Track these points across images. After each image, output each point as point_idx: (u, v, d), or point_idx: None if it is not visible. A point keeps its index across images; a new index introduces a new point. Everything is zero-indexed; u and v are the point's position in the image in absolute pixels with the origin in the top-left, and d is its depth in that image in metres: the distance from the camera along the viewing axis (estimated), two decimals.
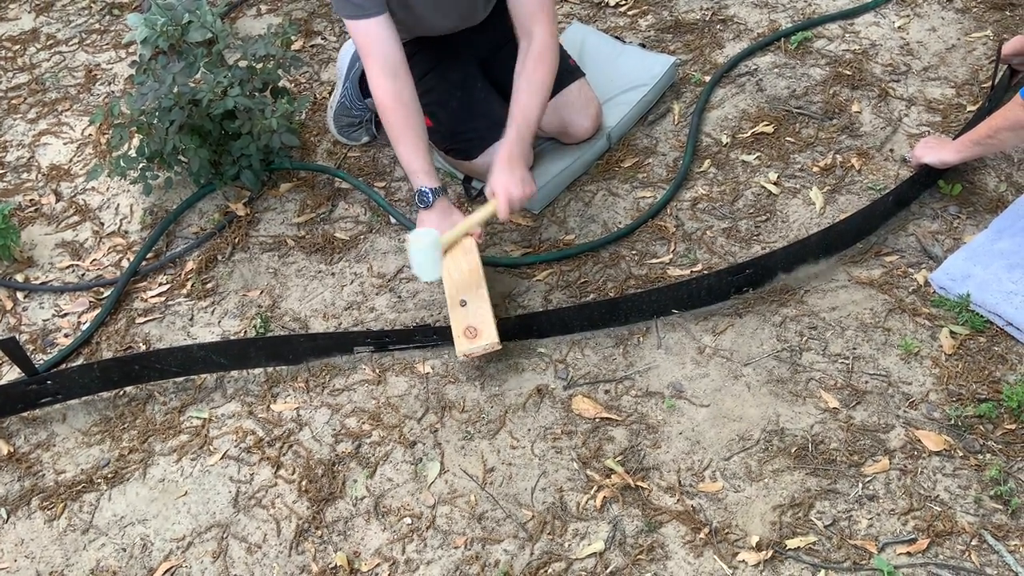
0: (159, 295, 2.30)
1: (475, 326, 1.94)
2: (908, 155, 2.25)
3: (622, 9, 2.87)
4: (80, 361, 2.17)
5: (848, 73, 2.50)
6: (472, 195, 2.37)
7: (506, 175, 1.97)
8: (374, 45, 2.01)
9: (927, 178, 2.15)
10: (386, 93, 2.02)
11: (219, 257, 2.36)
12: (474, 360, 2.01)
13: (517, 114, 2.03)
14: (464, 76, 2.27)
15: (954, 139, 2.13)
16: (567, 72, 2.34)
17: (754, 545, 1.65)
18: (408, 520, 1.79)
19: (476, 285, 2.00)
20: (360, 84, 2.49)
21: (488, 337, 1.92)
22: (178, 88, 2.30)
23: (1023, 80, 2.32)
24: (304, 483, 1.87)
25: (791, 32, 2.64)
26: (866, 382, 1.86)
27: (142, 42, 2.62)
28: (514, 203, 1.97)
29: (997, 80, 2.33)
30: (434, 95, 2.25)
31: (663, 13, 2.83)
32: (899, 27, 2.62)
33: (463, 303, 1.98)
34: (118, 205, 2.56)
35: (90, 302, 2.32)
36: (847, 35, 2.63)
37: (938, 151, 2.11)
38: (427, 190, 2.04)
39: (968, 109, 2.35)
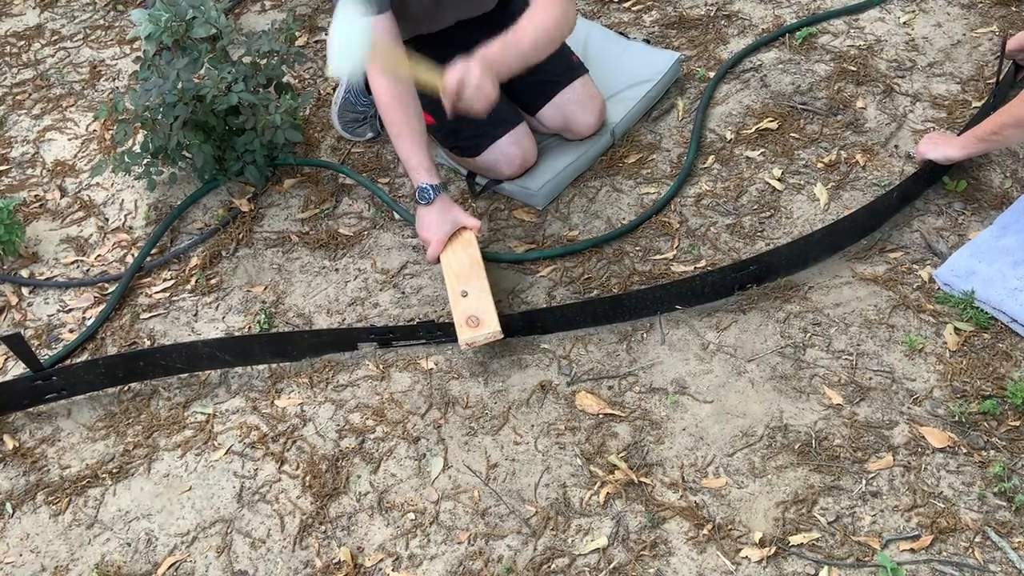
0: (163, 291, 2.31)
1: (477, 316, 1.95)
2: (913, 151, 2.25)
3: (626, 5, 2.86)
4: (85, 357, 2.17)
5: (853, 69, 2.50)
6: (476, 191, 2.37)
7: (472, 63, 1.88)
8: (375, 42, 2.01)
9: (932, 174, 2.15)
10: (386, 91, 2.03)
11: (223, 253, 2.36)
12: (477, 356, 2.02)
13: (509, 32, 1.96)
14: None
15: (958, 135, 2.13)
16: (569, 69, 2.34)
17: (757, 541, 1.65)
18: (411, 515, 1.79)
19: (477, 276, 2.01)
20: (364, 80, 2.49)
21: (490, 326, 1.93)
22: (182, 84, 2.30)
23: None
24: (308, 478, 1.87)
25: (796, 28, 2.64)
26: (870, 378, 1.86)
27: (146, 38, 2.62)
28: (464, 86, 1.87)
29: (1002, 76, 2.32)
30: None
31: (667, 9, 2.82)
32: (904, 23, 2.61)
33: (464, 294, 1.99)
34: (122, 201, 2.57)
35: (95, 298, 2.32)
36: (852, 31, 2.62)
37: (943, 147, 2.11)
38: (427, 187, 2.04)
39: (973, 105, 2.34)
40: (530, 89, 2.32)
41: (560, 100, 2.30)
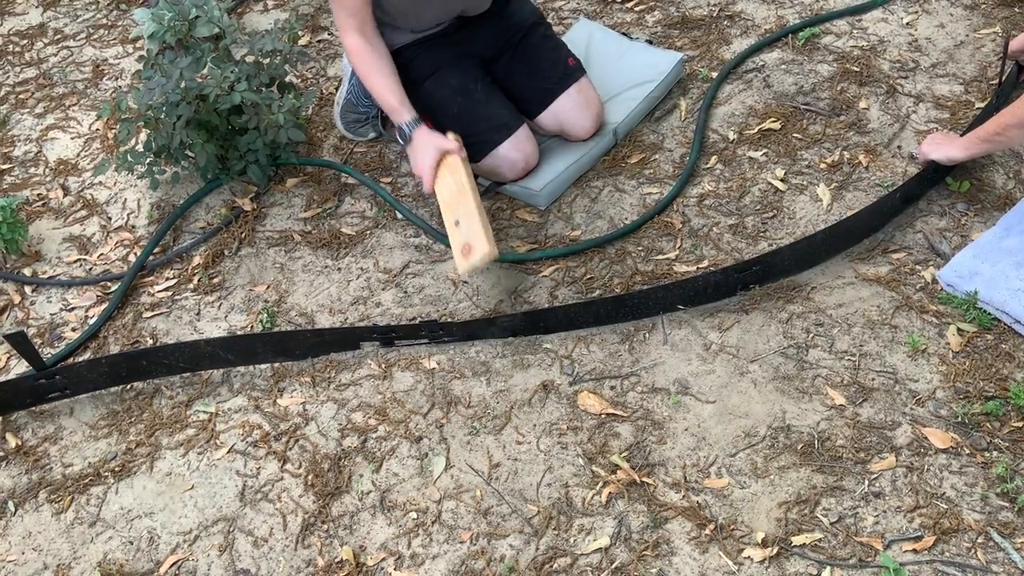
0: (166, 290, 2.31)
1: (469, 243, 1.95)
2: (916, 151, 2.25)
3: (629, 5, 2.86)
4: (87, 355, 2.18)
5: (856, 69, 2.50)
6: (480, 191, 2.36)
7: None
8: (352, 4, 2.10)
9: (935, 175, 2.15)
10: (355, 43, 2.14)
11: (226, 252, 2.37)
12: (479, 355, 2.02)
13: None
14: (464, 80, 2.27)
15: (961, 136, 2.13)
16: (565, 75, 2.33)
17: (760, 542, 1.65)
18: (414, 515, 1.79)
19: (464, 202, 2.02)
20: None
21: (480, 249, 1.94)
22: (185, 83, 2.30)
23: None
24: (310, 477, 1.88)
25: (799, 28, 2.64)
26: (873, 379, 1.86)
27: (149, 37, 2.62)
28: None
29: (1005, 77, 2.32)
30: (434, 100, 2.26)
31: (670, 9, 2.82)
32: (907, 23, 2.61)
33: (456, 223, 2.01)
34: (125, 200, 2.57)
35: (97, 296, 2.32)
36: (855, 31, 2.62)
37: (946, 148, 2.11)
38: (403, 125, 2.14)
39: (976, 106, 2.34)
40: (528, 95, 2.33)
41: (556, 107, 2.31)
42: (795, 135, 2.37)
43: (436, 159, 2.11)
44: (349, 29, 2.15)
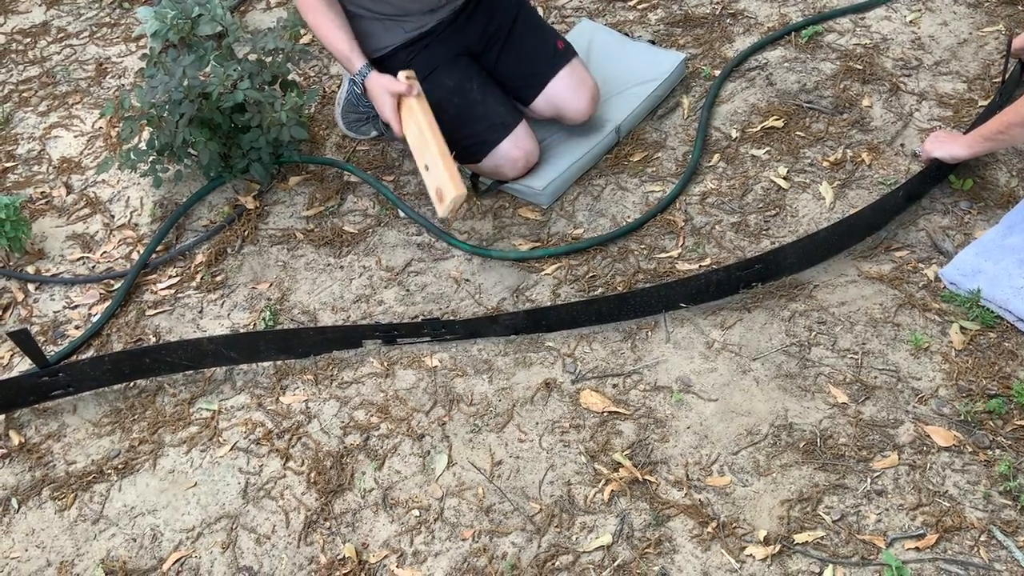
0: (169, 287, 2.31)
1: (439, 187, 1.96)
2: (919, 149, 2.24)
3: (632, 3, 2.86)
4: (90, 353, 2.18)
5: (859, 67, 2.49)
6: (480, 189, 2.37)
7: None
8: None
9: (938, 173, 2.14)
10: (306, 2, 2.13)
11: (228, 250, 2.37)
12: (482, 354, 2.02)
13: None
14: (459, 80, 2.26)
15: (964, 133, 2.12)
16: (555, 56, 2.32)
17: (762, 539, 1.65)
18: (416, 512, 1.79)
19: (427, 144, 2.03)
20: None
21: (449, 194, 1.95)
22: (188, 81, 2.31)
23: None
24: (313, 475, 1.88)
25: (801, 26, 2.63)
26: (875, 377, 1.86)
27: (152, 35, 2.62)
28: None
29: (1008, 75, 2.31)
30: (431, 102, 2.25)
31: (673, 7, 2.82)
32: (910, 21, 2.61)
33: (426, 168, 2.02)
34: (128, 198, 2.58)
35: (100, 294, 2.33)
36: (858, 29, 2.62)
37: (948, 146, 2.10)
38: (355, 77, 2.14)
39: (979, 104, 2.34)
40: (520, 83, 2.33)
41: (549, 91, 2.30)
42: (798, 133, 2.37)
43: (394, 104, 2.11)
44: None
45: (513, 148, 2.24)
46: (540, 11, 2.86)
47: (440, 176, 1.97)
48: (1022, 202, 2.07)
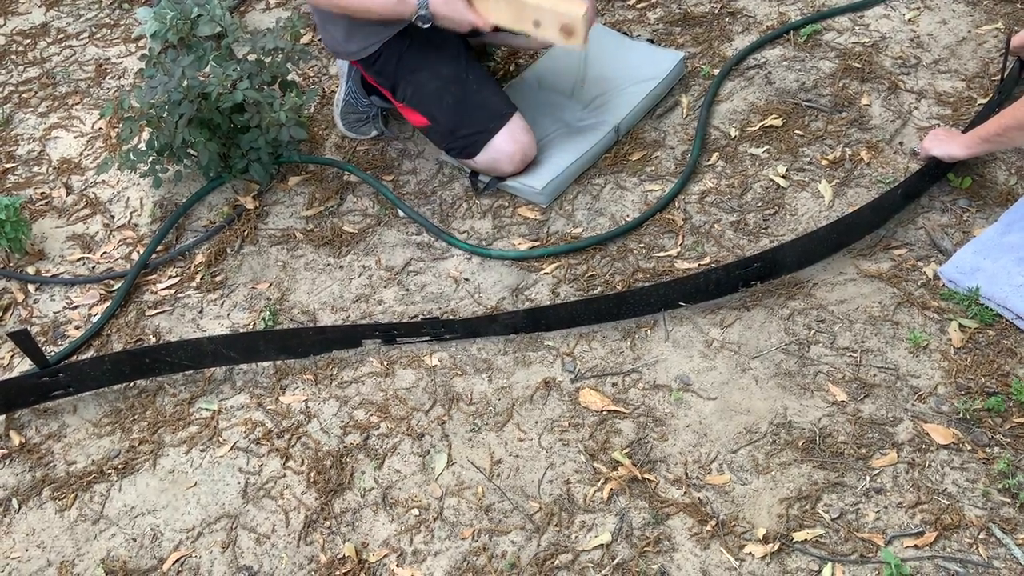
0: (169, 288, 2.31)
1: (563, 22, 2.00)
2: (917, 147, 2.24)
3: (631, 2, 2.86)
4: (91, 353, 2.18)
5: (858, 66, 2.49)
6: (479, 188, 2.37)
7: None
8: None
9: (936, 171, 2.14)
10: None
11: (228, 250, 2.37)
12: (480, 353, 2.02)
13: None
14: (456, 70, 2.26)
15: (963, 132, 2.12)
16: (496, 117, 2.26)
17: (761, 538, 1.65)
18: (416, 511, 1.79)
19: (523, 6, 2.03)
20: (362, 83, 2.50)
21: (577, 19, 1.98)
22: (187, 81, 2.31)
23: None
24: (312, 474, 1.88)
25: (800, 25, 2.63)
26: (874, 375, 1.86)
27: (152, 36, 2.63)
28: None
29: (1006, 73, 2.31)
30: (427, 93, 2.26)
31: (672, 6, 2.82)
32: (909, 19, 2.61)
33: (536, 24, 2.05)
34: (128, 198, 2.58)
35: (100, 295, 2.33)
36: (857, 27, 2.62)
37: (947, 145, 2.10)
38: (420, 10, 2.07)
39: (978, 102, 2.34)
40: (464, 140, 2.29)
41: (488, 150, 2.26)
42: (797, 132, 2.37)
43: (467, 5, 2.07)
44: None
45: (509, 142, 2.24)
46: None
47: (556, 10, 1.98)
48: (1020, 200, 2.07)
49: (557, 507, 1.76)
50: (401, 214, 2.37)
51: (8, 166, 2.75)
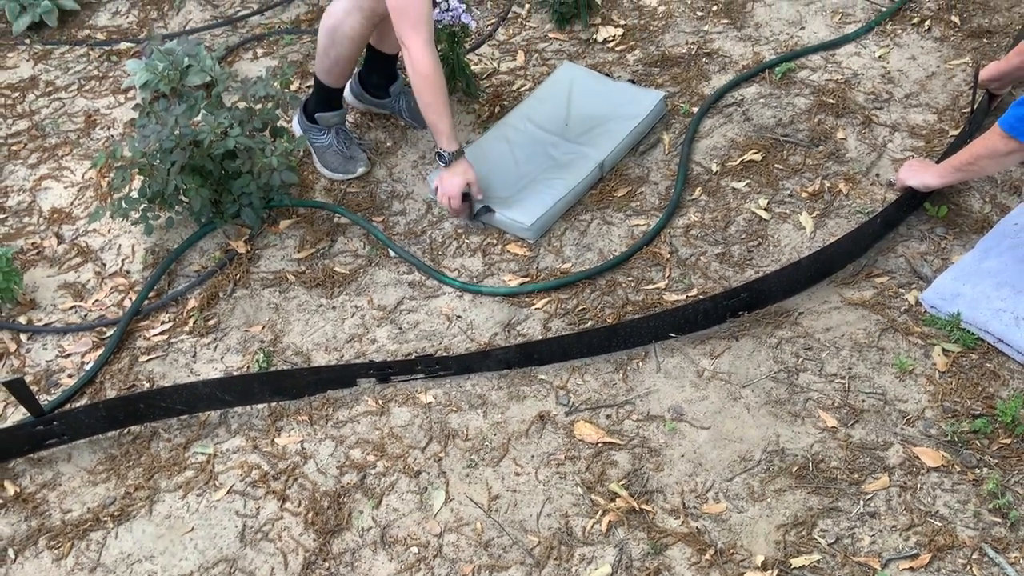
0: (162, 333, 2.32)
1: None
2: (893, 178, 2.31)
3: (610, 45, 2.94)
4: (84, 401, 2.18)
5: (832, 102, 2.57)
6: (474, 213, 2.40)
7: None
8: (424, 12, 2.11)
9: (913, 200, 2.21)
10: (428, 64, 2.15)
11: (221, 294, 2.39)
12: (475, 388, 2.04)
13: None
14: None
15: (937, 162, 2.19)
16: None
17: (759, 565, 1.67)
18: (415, 549, 1.80)
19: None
20: (361, 79, 2.68)
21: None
22: (180, 130, 2.35)
23: (1001, 105, 2.39)
24: (310, 515, 1.88)
25: (775, 63, 2.72)
26: (863, 401, 1.89)
27: (142, 86, 2.67)
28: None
29: (976, 105, 2.40)
30: None
31: (650, 48, 2.91)
32: (879, 56, 2.70)
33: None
34: (119, 246, 2.59)
35: (93, 342, 2.33)
36: (829, 65, 2.70)
37: (921, 175, 2.17)
38: (445, 152, 2.26)
39: (950, 134, 2.41)
40: None
41: None
42: (776, 166, 2.43)
43: (461, 186, 2.29)
44: (421, 42, 2.12)
45: None
46: (521, 55, 2.94)
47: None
48: (996, 227, 2.13)
49: (556, 540, 1.76)
50: (392, 254, 2.40)
51: None
